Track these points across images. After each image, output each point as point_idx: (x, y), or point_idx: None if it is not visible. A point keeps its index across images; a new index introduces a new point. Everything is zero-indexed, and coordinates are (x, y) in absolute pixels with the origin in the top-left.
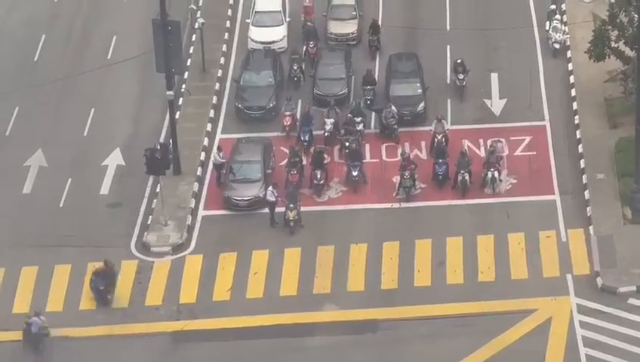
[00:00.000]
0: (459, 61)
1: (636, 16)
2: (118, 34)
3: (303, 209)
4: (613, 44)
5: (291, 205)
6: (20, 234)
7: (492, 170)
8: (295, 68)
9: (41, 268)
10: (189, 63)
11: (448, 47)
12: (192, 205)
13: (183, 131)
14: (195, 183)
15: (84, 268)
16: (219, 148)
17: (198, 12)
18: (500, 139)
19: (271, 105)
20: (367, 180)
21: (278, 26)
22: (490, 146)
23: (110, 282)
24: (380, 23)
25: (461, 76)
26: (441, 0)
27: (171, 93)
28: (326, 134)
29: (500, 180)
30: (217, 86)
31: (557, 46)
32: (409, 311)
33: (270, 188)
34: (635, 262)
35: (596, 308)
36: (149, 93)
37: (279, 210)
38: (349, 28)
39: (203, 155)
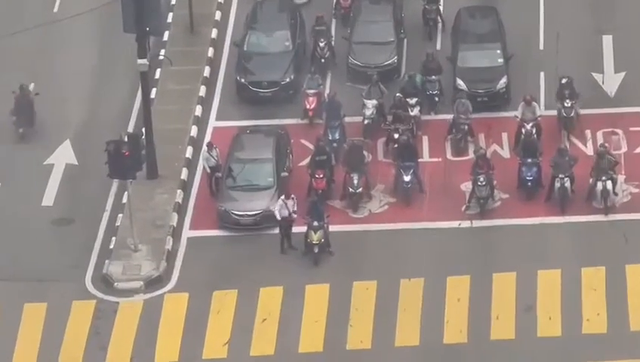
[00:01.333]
0: (564, 81)
1: None
2: None
3: (332, 228)
4: None
5: (315, 223)
6: None
7: (604, 178)
8: (321, 44)
9: None
10: (170, 20)
11: None
12: (174, 222)
13: (161, 116)
14: (178, 191)
15: (18, 311)
16: (209, 146)
17: None
18: (616, 130)
19: (287, 79)
20: (424, 188)
21: None
22: (601, 145)
23: (19, 111)
24: None
25: (568, 103)
26: None
27: (144, 61)
28: (366, 122)
29: (615, 193)
30: (211, 52)
31: None
32: None
33: (281, 199)
34: None
35: None
36: (112, 63)
37: (299, 229)
38: None
39: (190, 151)
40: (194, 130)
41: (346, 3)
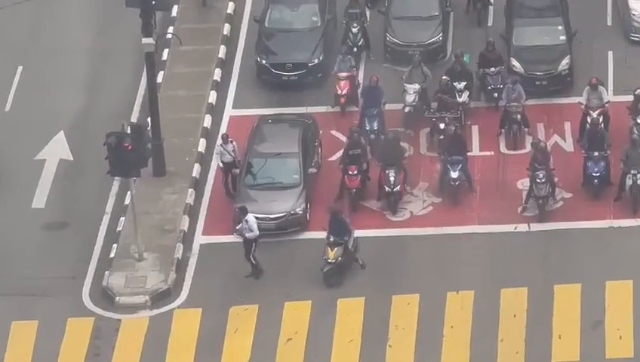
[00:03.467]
0: (639, 92)
1: None
2: None
3: (367, 233)
4: None
5: (331, 238)
6: None
7: None
8: (354, 30)
9: None
10: None
11: None
12: (185, 227)
13: (169, 104)
14: (190, 190)
15: (5, 330)
16: (224, 139)
17: None
18: None
19: (315, 61)
20: (474, 186)
21: None
22: None
23: None
24: None
25: None
26: None
27: (150, 40)
28: (407, 110)
29: None
30: (226, 29)
31: None
32: None
33: (247, 218)
34: None
35: None
36: (112, 42)
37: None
38: None
39: (203, 144)
40: (207, 120)
41: None
